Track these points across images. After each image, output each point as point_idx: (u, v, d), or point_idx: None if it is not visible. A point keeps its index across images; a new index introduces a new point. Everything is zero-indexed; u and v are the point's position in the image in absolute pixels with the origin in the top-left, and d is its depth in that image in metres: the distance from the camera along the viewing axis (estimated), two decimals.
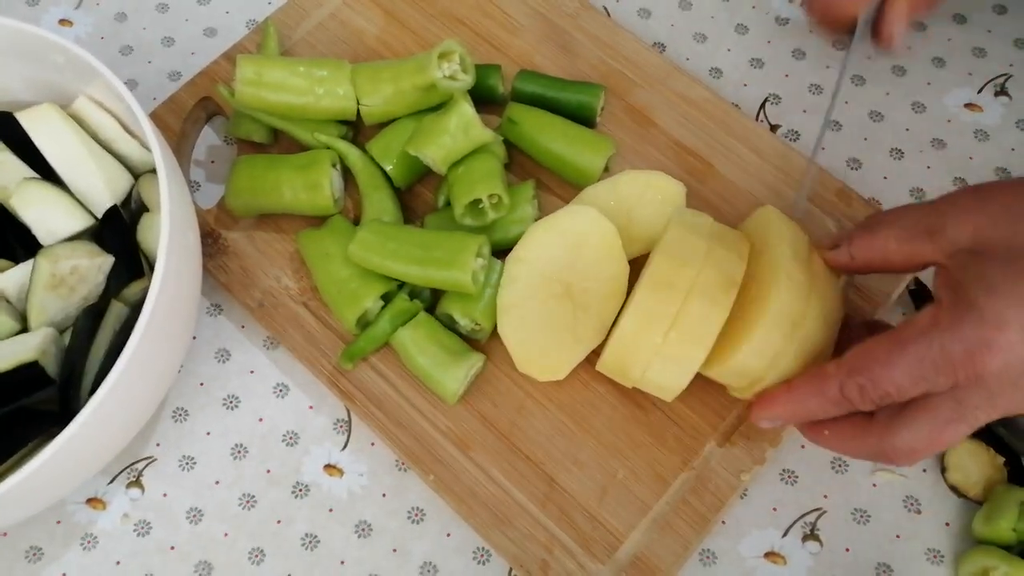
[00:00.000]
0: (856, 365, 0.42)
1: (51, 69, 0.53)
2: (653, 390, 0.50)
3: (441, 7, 0.66)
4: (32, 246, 0.52)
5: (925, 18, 0.66)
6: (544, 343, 0.53)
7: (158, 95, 0.65)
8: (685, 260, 0.47)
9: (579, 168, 0.58)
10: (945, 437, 0.40)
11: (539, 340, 0.53)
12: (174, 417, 0.56)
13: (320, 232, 0.56)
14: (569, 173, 0.58)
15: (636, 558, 0.50)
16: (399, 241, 0.53)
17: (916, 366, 0.39)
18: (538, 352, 0.53)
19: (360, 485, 0.54)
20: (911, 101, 0.65)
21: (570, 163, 0.58)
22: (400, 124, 0.58)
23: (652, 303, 0.47)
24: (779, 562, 0.52)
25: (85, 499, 0.54)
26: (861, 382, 0.41)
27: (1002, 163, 0.62)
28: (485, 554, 0.52)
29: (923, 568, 0.52)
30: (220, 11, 0.69)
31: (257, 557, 0.52)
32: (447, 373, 0.52)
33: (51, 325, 0.50)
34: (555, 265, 0.53)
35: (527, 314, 0.53)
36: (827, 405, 0.43)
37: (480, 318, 0.53)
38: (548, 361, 0.53)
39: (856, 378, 0.41)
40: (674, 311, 0.46)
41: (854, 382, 0.41)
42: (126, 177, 0.54)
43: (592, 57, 0.63)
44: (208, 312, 0.59)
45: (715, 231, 0.49)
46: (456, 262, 0.51)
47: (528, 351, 0.53)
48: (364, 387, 0.55)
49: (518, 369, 0.53)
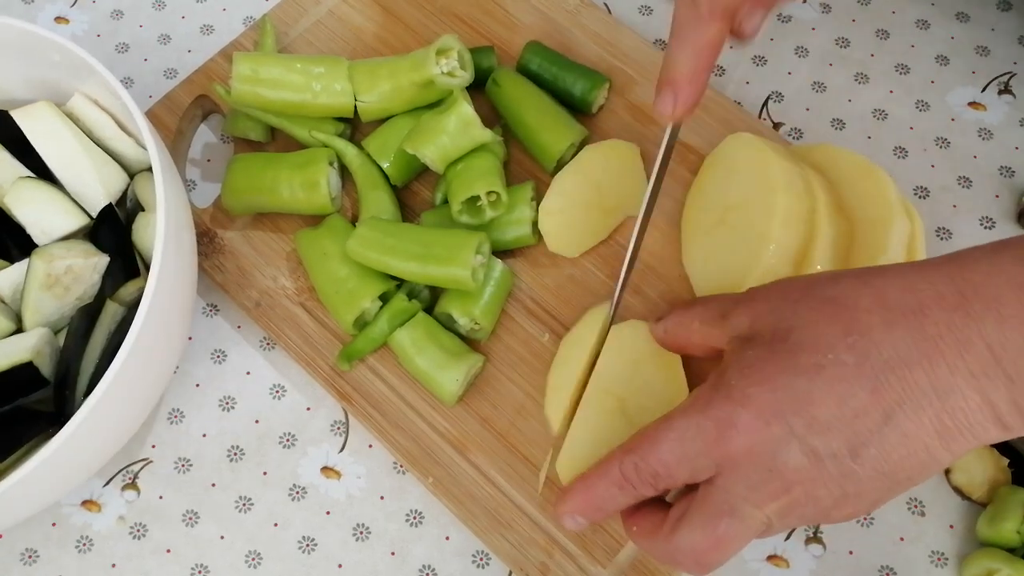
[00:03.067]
0: (631, 444, 0.42)
1: (47, 67, 0.53)
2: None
3: (440, 4, 0.65)
4: (27, 245, 0.52)
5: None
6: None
7: (154, 93, 0.64)
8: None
9: (540, 145, 0.57)
10: (720, 532, 0.39)
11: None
12: (170, 419, 0.56)
13: (318, 231, 0.56)
14: (533, 148, 0.58)
15: (637, 561, 0.50)
16: (398, 237, 0.53)
17: (678, 444, 0.39)
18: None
19: (358, 487, 0.54)
20: (915, 99, 0.64)
21: (535, 139, 0.57)
22: (397, 121, 0.58)
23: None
24: (782, 565, 0.52)
25: (80, 501, 0.54)
26: (635, 460, 0.41)
27: (1006, 162, 0.62)
28: (484, 557, 0.52)
29: (927, 571, 0.51)
30: (217, 8, 0.69)
31: (254, 560, 0.52)
32: (446, 374, 0.52)
33: (46, 325, 0.49)
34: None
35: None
36: (613, 489, 0.42)
37: (479, 317, 0.53)
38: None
39: (630, 456, 0.41)
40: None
41: (630, 460, 0.41)
42: (122, 176, 0.54)
43: (592, 54, 0.63)
44: (204, 312, 0.59)
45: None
46: (456, 258, 0.51)
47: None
48: (362, 388, 0.54)
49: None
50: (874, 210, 0.51)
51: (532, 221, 0.56)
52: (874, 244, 0.50)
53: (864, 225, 0.51)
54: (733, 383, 0.39)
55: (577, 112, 0.60)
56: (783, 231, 0.50)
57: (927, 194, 0.61)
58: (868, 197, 0.52)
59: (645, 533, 0.42)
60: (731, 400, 0.38)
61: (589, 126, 0.60)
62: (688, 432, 0.39)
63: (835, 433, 0.37)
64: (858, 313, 0.38)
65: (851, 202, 0.52)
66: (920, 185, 0.61)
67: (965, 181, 0.61)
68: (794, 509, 0.38)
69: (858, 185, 0.52)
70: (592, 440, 0.50)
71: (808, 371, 0.37)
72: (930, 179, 0.61)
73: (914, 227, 0.51)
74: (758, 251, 0.50)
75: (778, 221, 0.50)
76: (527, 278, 0.57)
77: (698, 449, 0.39)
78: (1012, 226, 0.60)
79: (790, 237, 0.50)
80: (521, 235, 0.56)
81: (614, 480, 0.42)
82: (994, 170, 0.61)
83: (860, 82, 0.65)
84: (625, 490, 0.42)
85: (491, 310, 0.53)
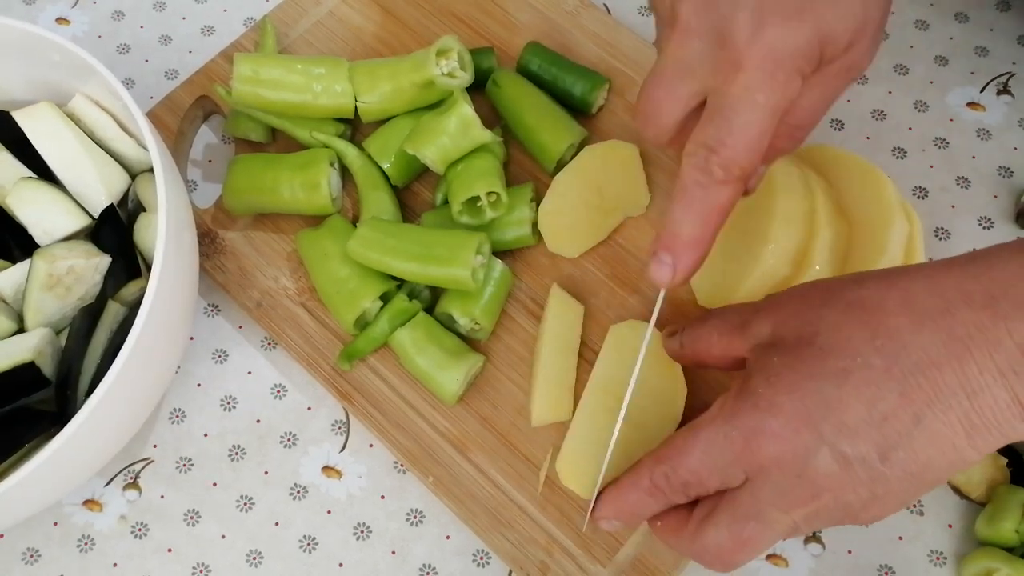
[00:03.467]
0: (660, 454, 0.42)
1: (48, 67, 0.53)
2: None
3: (440, 4, 0.65)
4: (29, 246, 0.52)
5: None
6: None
7: (155, 94, 0.64)
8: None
9: (540, 146, 0.57)
10: (746, 535, 0.39)
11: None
12: (171, 418, 0.56)
13: (318, 232, 0.56)
14: (533, 149, 0.58)
15: (637, 560, 0.50)
16: (399, 238, 0.53)
17: (707, 455, 0.40)
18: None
19: (359, 487, 0.54)
20: (913, 100, 0.64)
21: (535, 139, 0.58)
22: (398, 122, 0.58)
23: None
24: (781, 564, 0.52)
25: (82, 501, 0.54)
26: (666, 470, 0.41)
27: (1004, 162, 0.62)
28: (485, 556, 0.52)
29: (926, 570, 0.51)
30: (218, 9, 0.69)
31: (255, 559, 0.52)
32: (446, 373, 0.52)
33: (48, 325, 0.50)
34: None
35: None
36: (645, 497, 0.43)
37: (480, 317, 0.53)
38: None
39: (661, 466, 0.41)
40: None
41: (660, 471, 0.41)
42: (123, 176, 0.54)
43: (592, 55, 0.63)
44: (205, 312, 0.59)
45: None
46: (456, 259, 0.51)
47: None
48: (363, 388, 0.54)
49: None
50: (873, 211, 0.51)
51: (532, 221, 0.56)
52: (873, 245, 0.50)
53: (863, 226, 0.51)
54: (760, 391, 0.39)
55: (577, 113, 0.60)
56: (782, 231, 0.50)
57: (926, 194, 0.61)
58: (867, 198, 0.52)
59: (670, 530, 0.43)
60: (759, 409, 0.38)
61: (589, 127, 0.60)
62: (716, 443, 0.39)
63: (864, 437, 0.36)
64: (885, 316, 0.37)
65: (850, 203, 0.52)
66: (919, 185, 0.61)
67: (964, 181, 0.61)
68: (822, 513, 0.38)
69: (857, 186, 0.52)
70: (591, 439, 0.50)
71: (836, 376, 0.37)
72: (929, 179, 0.61)
73: (913, 228, 0.51)
74: (758, 252, 0.50)
75: (778, 222, 0.50)
76: (527, 278, 0.57)
77: (727, 459, 0.39)
78: (1010, 226, 0.60)
79: (789, 238, 0.50)
80: (521, 235, 0.56)
81: (645, 489, 0.42)
82: (993, 170, 0.62)
83: (859, 82, 0.65)
84: (657, 498, 0.42)
85: (491, 310, 0.54)
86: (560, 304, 0.54)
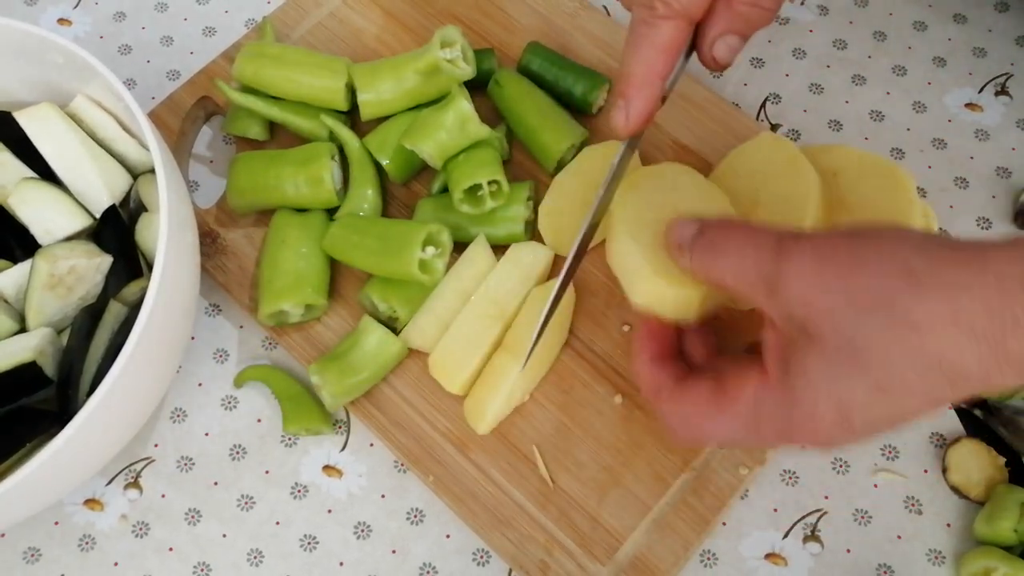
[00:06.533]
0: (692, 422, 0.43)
1: (50, 68, 0.53)
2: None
3: (440, 6, 0.65)
4: (30, 246, 0.52)
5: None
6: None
7: (157, 94, 0.65)
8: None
9: (541, 146, 0.58)
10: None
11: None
12: (172, 418, 0.56)
13: (295, 218, 0.56)
14: (534, 149, 0.59)
15: (636, 559, 0.50)
16: (363, 234, 0.54)
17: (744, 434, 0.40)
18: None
19: (359, 486, 0.54)
20: (911, 101, 0.64)
21: (536, 139, 0.58)
22: (398, 119, 0.58)
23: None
24: (780, 563, 0.52)
25: (83, 500, 0.54)
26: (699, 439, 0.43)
27: (1003, 163, 0.62)
28: (485, 555, 0.52)
29: (924, 569, 0.51)
30: (219, 10, 0.69)
31: (256, 558, 0.52)
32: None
33: (49, 325, 0.50)
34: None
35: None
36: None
37: (397, 304, 0.53)
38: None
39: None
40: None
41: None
42: (125, 177, 0.54)
43: (592, 56, 0.63)
44: (207, 312, 0.59)
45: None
46: (404, 251, 0.52)
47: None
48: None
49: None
50: (894, 207, 0.50)
51: (525, 220, 0.56)
52: None
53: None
54: (798, 394, 0.37)
55: (577, 113, 0.60)
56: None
57: (924, 195, 0.61)
58: (887, 196, 0.51)
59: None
60: (801, 411, 0.37)
61: (589, 127, 0.60)
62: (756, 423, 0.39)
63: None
64: (943, 348, 0.34)
65: (868, 202, 0.51)
66: (917, 186, 0.61)
67: (962, 182, 0.62)
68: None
69: (876, 184, 0.52)
70: (466, 338, 0.53)
71: (875, 392, 0.35)
72: (927, 180, 0.62)
73: (930, 227, 0.51)
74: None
75: (809, 221, 0.49)
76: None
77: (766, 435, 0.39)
78: (1008, 227, 0.60)
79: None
80: (513, 232, 0.56)
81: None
82: (991, 171, 0.62)
83: (857, 83, 0.65)
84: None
85: (412, 300, 0.54)
86: (476, 251, 0.55)
